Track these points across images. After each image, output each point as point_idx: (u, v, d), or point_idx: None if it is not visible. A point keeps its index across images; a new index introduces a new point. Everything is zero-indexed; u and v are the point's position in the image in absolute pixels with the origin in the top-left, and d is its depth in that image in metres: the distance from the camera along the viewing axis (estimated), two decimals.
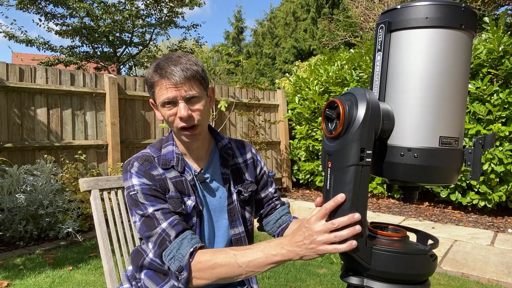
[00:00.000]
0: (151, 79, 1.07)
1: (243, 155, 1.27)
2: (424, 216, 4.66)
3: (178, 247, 0.98)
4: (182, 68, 1.05)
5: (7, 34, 8.63)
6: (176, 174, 1.11)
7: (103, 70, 10.13)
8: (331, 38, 14.62)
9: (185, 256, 0.96)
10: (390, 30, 0.78)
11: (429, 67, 0.75)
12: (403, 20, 0.77)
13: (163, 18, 9.74)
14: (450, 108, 0.76)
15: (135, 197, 1.05)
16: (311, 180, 6.23)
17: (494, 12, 10.25)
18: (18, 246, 3.51)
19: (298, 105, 6.06)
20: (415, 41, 0.76)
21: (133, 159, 1.11)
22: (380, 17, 0.81)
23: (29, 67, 4.15)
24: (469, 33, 0.77)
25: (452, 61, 0.75)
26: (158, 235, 1.01)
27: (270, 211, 1.29)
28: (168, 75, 1.04)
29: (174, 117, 1.06)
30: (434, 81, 0.75)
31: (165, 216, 1.03)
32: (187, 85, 1.05)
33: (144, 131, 5.00)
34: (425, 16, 0.75)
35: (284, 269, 3.05)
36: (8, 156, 3.89)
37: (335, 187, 0.79)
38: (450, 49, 0.75)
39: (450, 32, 0.75)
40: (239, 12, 23.34)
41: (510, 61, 4.19)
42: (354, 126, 0.76)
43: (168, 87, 1.04)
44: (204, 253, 0.97)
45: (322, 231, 0.80)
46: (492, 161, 4.18)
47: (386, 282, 0.77)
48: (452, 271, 3.00)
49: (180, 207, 1.07)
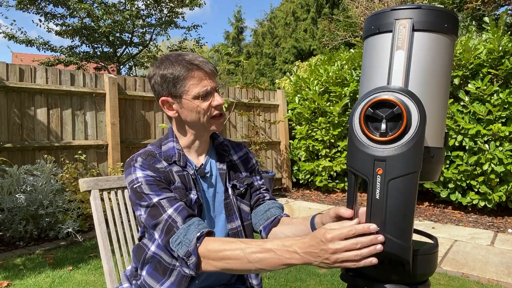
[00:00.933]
0: (183, 72, 1.07)
1: (237, 152, 1.30)
2: (424, 216, 4.66)
3: (185, 232, 0.97)
4: (207, 60, 1.10)
5: (7, 34, 8.63)
6: (178, 168, 1.13)
7: (103, 70, 10.12)
8: (331, 38, 14.62)
9: (192, 241, 0.95)
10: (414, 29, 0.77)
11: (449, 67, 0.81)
12: (427, 22, 0.76)
13: (163, 19, 9.74)
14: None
15: (139, 189, 1.04)
16: (311, 180, 6.23)
17: (494, 12, 10.25)
18: (18, 246, 3.51)
19: (298, 105, 6.06)
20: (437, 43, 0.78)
21: (136, 155, 1.12)
22: (400, 12, 0.78)
23: (29, 67, 4.15)
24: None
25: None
26: (165, 221, 1.00)
27: (257, 201, 1.26)
28: (202, 65, 1.07)
29: (208, 106, 1.10)
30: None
31: (170, 203, 1.01)
32: (214, 77, 1.12)
33: (144, 131, 5.00)
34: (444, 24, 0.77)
35: (284, 269, 3.06)
36: (8, 156, 3.89)
37: (391, 196, 0.72)
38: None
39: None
40: (239, 12, 23.33)
41: (510, 61, 4.19)
42: (412, 127, 0.72)
43: (206, 78, 1.08)
44: (212, 241, 0.95)
45: (341, 250, 0.75)
46: (492, 161, 4.18)
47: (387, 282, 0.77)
48: (452, 271, 3.00)
49: (185, 198, 1.08)
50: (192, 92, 1.07)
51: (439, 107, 0.79)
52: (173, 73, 1.07)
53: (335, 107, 5.49)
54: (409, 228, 0.73)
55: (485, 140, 4.29)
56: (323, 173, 5.85)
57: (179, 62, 1.07)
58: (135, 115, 4.91)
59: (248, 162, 1.31)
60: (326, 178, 5.87)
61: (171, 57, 1.10)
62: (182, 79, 1.07)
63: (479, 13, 10.34)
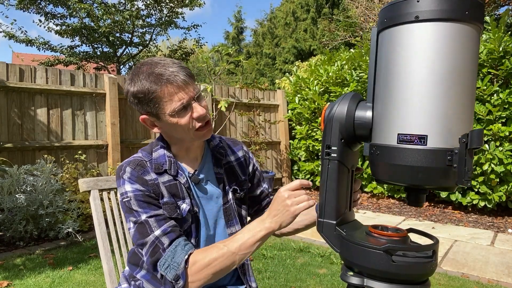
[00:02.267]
0: (152, 91, 0.98)
1: (234, 153, 1.27)
2: (424, 216, 4.66)
3: (172, 255, 0.97)
4: (178, 67, 1.00)
5: (7, 34, 8.63)
6: (169, 178, 1.09)
7: (103, 70, 10.13)
8: (331, 38, 14.62)
9: (180, 264, 0.95)
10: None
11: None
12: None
13: (163, 19, 9.75)
14: (408, 103, 0.73)
15: (128, 204, 1.03)
16: (311, 180, 6.23)
17: (494, 12, 10.25)
18: (18, 246, 3.51)
19: (298, 105, 6.05)
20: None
21: (125, 164, 1.09)
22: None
23: (29, 67, 4.15)
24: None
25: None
26: (151, 242, 0.99)
27: (266, 205, 1.31)
28: (172, 78, 0.98)
29: (190, 119, 1.02)
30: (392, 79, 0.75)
31: (158, 223, 1.00)
32: (190, 84, 1.02)
33: (144, 131, 5.00)
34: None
35: (284, 269, 3.05)
36: (8, 156, 3.89)
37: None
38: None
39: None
40: (239, 12, 23.36)
41: (510, 61, 4.19)
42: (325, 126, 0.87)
43: (179, 91, 0.99)
44: (196, 254, 0.97)
45: (291, 196, 0.93)
46: (492, 161, 4.18)
47: (386, 282, 0.77)
48: (452, 271, 3.00)
49: (175, 213, 1.06)
50: (168, 109, 1.00)
51: (382, 105, 0.78)
52: (143, 91, 1.00)
53: None
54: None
55: (485, 140, 4.29)
56: None
57: (148, 77, 0.99)
58: (135, 115, 4.91)
59: (248, 164, 1.29)
60: None
61: (142, 69, 1.02)
62: (154, 97, 0.99)
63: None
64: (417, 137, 0.71)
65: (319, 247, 3.58)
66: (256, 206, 1.32)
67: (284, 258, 3.32)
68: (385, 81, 0.76)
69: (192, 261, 0.96)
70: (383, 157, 0.76)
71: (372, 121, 0.80)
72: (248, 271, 1.25)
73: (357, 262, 0.78)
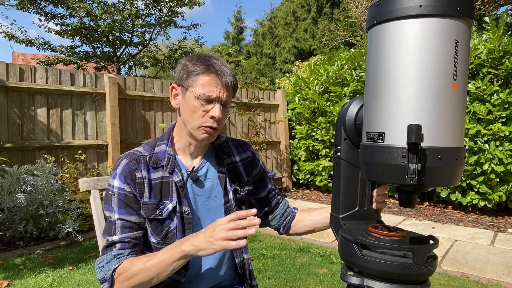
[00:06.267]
0: (196, 67, 1.08)
1: (241, 154, 1.27)
2: (424, 216, 4.66)
3: (110, 259, 1.03)
4: (230, 74, 1.10)
5: (7, 34, 8.63)
6: (163, 174, 1.11)
7: (103, 70, 10.12)
8: (331, 38, 14.62)
9: (109, 270, 1.01)
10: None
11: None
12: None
13: (163, 18, 9.74)
14: (373, 102, 0.74)
15: (110, 197, 1.09)
16: (311, 180, 6.23)
17: (494, 12, 10.25)
18: (18, 246, 3.51)
19: (298, 105, 6.06)
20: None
21: (123, 156, 1.13)
22: None
23: (29, 67, 4.15)
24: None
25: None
26: (108, 242, 1.06)
27: (275, 206, 1.32)
28: (220, 73, 1.07)
29: (205, 113, 1.08)
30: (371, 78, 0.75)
31: (122, 230, 1.06)
32: (228, 91, 1.10)
33: (144, 131, 5.00)
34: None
35: (284, 269, 3.06)
36: (8, 156, 3.89)
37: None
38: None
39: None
40: (239, 12, 23.29)
41: (510, 61, 4.19)
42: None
43: (217, 86, 1.07)
44: (124, 265, 1.01)
45: (222, 229, 0.89)
46: (492, 161, 4.18)
47: (386, 281, 0.77)
48: (452, 271, 3.00)
49: (154, 213, 1.09)
50: (197, 90, 1.07)
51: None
52: (193, 66, 1.09)
53: (335, 107, 5.48)
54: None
55: (485, 140, 4.29)
56: (323, 173, 5.86)
57: (204, 62, 1.08)
58: (135, 115, 4.91)
59: (255, 166, 1.29)
60: (326, 178, 5.87)
61: (203, 55, 1.12)
62: (196, 74, 1.08)
63: (479, 13, 10.35)
64: (377, 135, 0.73)
65: (319, 247, 3.58)
66: (266, 207, 1.31)
67: (284, 257, 3.32)
68: (367, 80, 0.78)
69: (118, 272, 1.01)
70: (361, 155, 0.79)
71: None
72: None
73: (340, 253, 0.84)
